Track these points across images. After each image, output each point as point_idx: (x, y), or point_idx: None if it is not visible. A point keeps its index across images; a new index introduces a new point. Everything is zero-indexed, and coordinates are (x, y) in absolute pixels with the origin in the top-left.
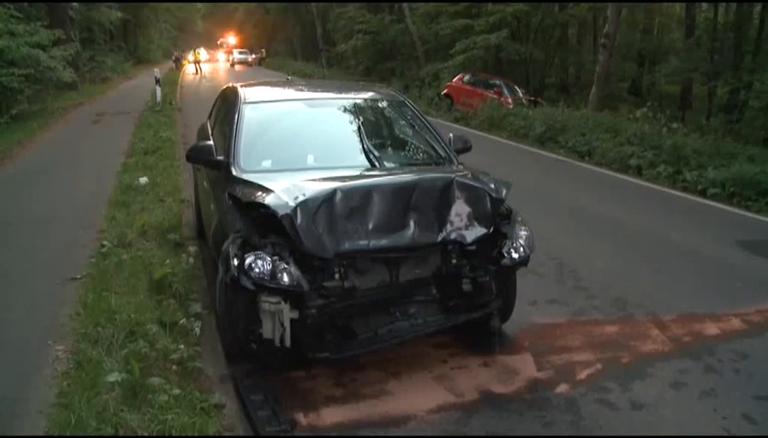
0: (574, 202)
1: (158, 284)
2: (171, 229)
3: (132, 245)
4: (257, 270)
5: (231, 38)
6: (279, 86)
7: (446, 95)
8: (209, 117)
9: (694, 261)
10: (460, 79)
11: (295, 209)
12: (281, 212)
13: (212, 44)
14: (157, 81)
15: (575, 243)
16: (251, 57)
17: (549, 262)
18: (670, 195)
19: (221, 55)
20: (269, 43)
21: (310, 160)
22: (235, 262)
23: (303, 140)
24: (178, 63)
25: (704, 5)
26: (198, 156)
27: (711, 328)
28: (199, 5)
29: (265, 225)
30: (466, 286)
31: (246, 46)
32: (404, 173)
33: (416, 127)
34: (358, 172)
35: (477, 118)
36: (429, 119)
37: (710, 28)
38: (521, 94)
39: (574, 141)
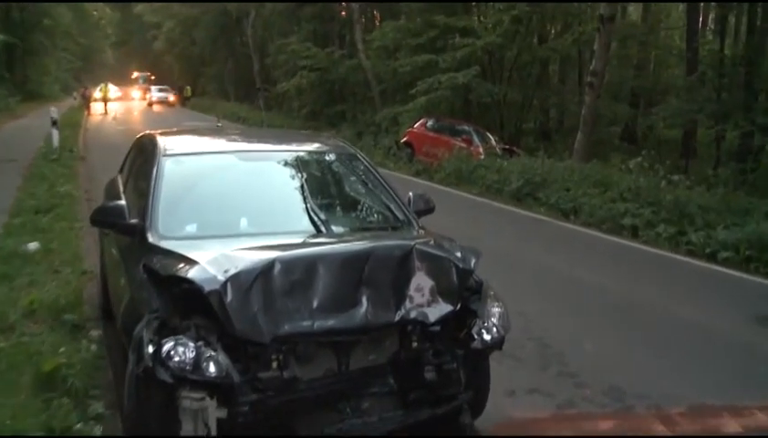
0: (557, 270)
1: (47, 378)
2: (67, 308)
3: (15, 330)
4: (177, 359)
5: (147, 73)
6: (207, 134)
7: (406, 143)
8: (120, 170)
9: (705, 341)
10: (422, 125)
11: (224, 284)
12: (207, 287)
13: (124, 79)
14: (54, 123)
15: (559, 320)
16: (173, 96)
17: (529, 343)
18: (673, 261)
19: (135, 92)
20: (196, 79)
21: (244, 224)
22: (150, 349)
23: (235, 201)
24: (86, 100)
25: (709, 35)
26: (106, 219)
27: (730, 425)
28: (108, 30)
29: (188, 304)
30: (429, 375)
31: (167, 82)
32: (355, 240)
33: (369, 184)
34: (300, 240)
35: (442, 171)
36: (385, 173)
37: (715, 62)
38: (494, 142)
39: (557, 198)
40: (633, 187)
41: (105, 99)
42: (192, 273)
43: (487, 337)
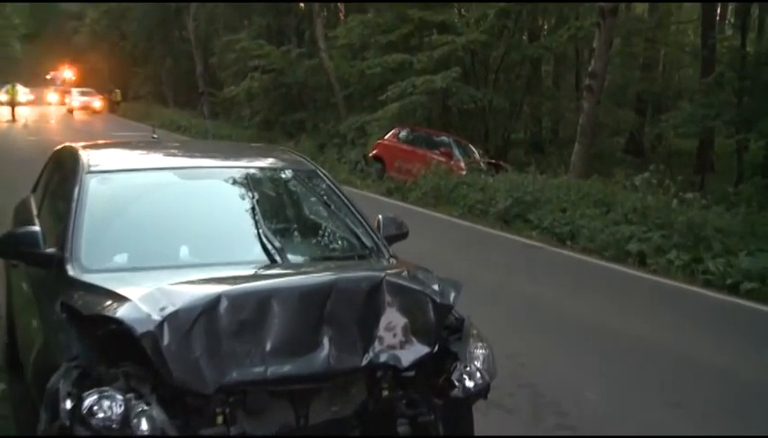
0: (552, 304)
1: None
2: None
3: None
4: (102, 415)
5: (67, 72)
6: (141, 147)
7: (375, 158)
8: (33, 189)
9: (728, 387)
10: (394, 136)
11: (160, 324)
12: (140, 329)
13: (38, 78)
14: None
15: (555, 364)
16: (99, 101)
17: (520, 391)
18: (687, 293)
19: (52, 95)
20: (127, 81)
21: (184, 253)
22: (68, 404)
23: (174, 227)
24: None
25: (727, 29)
26: (15, 248)
27: None
28: (15, 18)
29: (116, 350)
30: (403, 429)
31: (92, 84)
32: (316, 272)
33: (332, 206)
34: (251, 271)
35: (418, 189)
36: (351, 192)
37: (736, 61)
38: (477, 155)
39: (551, 220)
40: (640, 207)
41: (12, 103)
42: (122, 312)
43: (470, 383)
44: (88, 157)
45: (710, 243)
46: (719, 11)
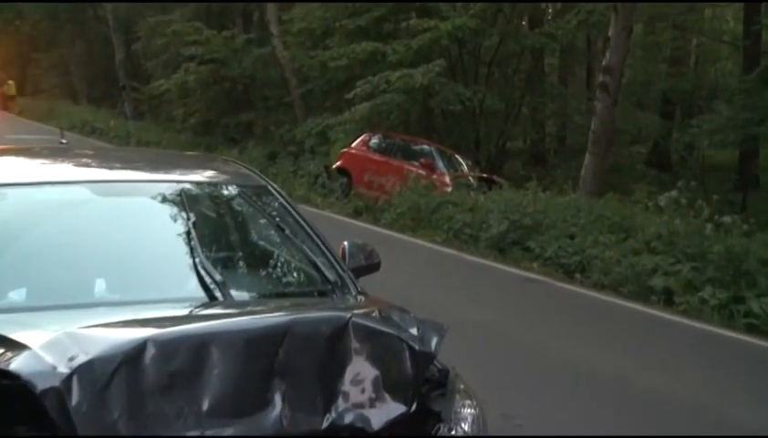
0: (557, 353)
1: None
2: None
3: None
4: None
5: None
6: (45, 155)
7: (340, 170)
8: None
9: None
10: (363, 144)
11: (67, 379)
12: (42, 384)
13: None
14: None
15: (559, 426)
16: None
17: None
18: (726, 339)
19: None
20: (24, 71)
21: (100, 289)
22: None
23: (87, 255)
24: None
25: None
26: None
27: None
28: None
29: (11, 410)
30: None
31: None
32: (265, 312)
33: (286, 230)
34: (184, 311)
35: (392, 209)
36: (310, 213)
37: None
38: (466, 168)
39: (556, 248)
40: (666, 233)
41: None
42: (18, 363)
43: None
44: None
45: (754, 278)
46: None
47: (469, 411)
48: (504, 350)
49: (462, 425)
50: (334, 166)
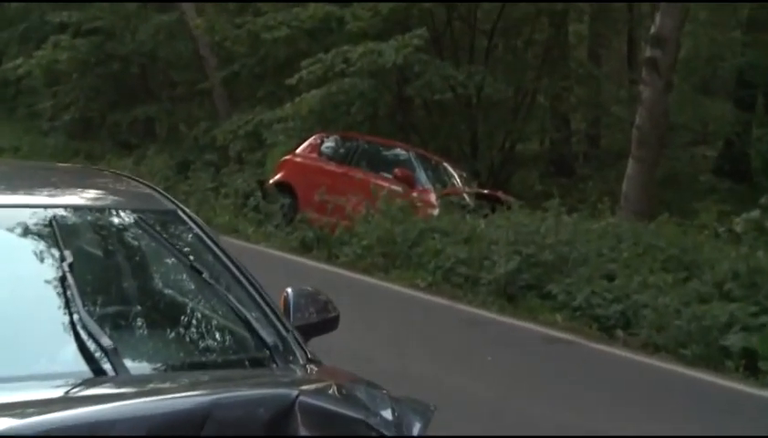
0: None
1: None
2: None
3: None
4: None
5: None
6: None
7: (281, 186)
8: None
9: None
10: (313, 149)
11: None
12: None
13: None
14: None
15: None
16: None
17: None
18: None
19: None
20: None
21: None
22: None
23: None
24: None
25: None
26: None
27: None
28: None
29: None
30: None
31: None
32: (177, 391)
33: (204, 273)
34: (57, 392)
35: (355, 241)
36: (239, 246)
37: None
38: (458, 182)
39: (587, 294)
40: (744, 271)
41: None
42: None
43: None
44: None
45: None
46: None
47: None
48: None
49: None
50: (272, 181)
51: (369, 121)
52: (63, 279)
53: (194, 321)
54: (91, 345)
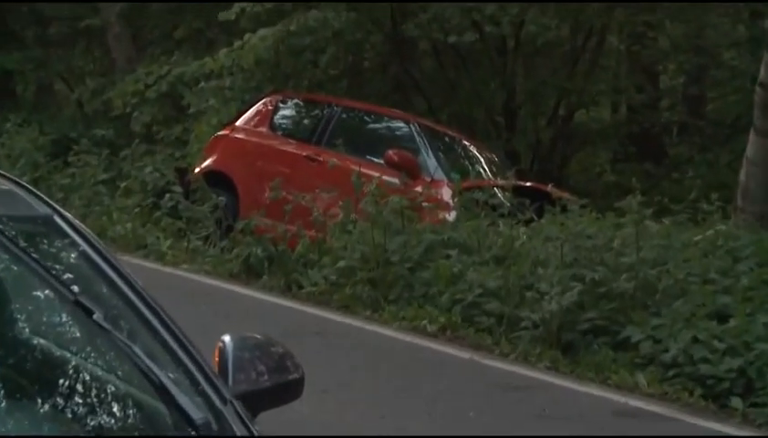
0: None
1: None
2: None
3: None
4: None
5: None
6: None
7: (212, 175)
8: None
9: None
10: (263, 119)
11: None
12: None
13: None
14: None
15: None
16: None
17: None
18: None
19: None
20: None
21: None
22: None
23: None
24: None
25: None
26: None
27: None
28: None
29: None
30: None
31: None
32: None
33: (96, 312)
34: None
35: (328, 262)
36: (148, 270)
37: None
38: (485, 168)
39: (687, 342)
40: None
41: None
42: None
43: None
44: None
45: None
46: None
47: None
48: None
49: None
50: (198, 169)
51: (349, 77)
52: None
53: (80, 386)
54: None
